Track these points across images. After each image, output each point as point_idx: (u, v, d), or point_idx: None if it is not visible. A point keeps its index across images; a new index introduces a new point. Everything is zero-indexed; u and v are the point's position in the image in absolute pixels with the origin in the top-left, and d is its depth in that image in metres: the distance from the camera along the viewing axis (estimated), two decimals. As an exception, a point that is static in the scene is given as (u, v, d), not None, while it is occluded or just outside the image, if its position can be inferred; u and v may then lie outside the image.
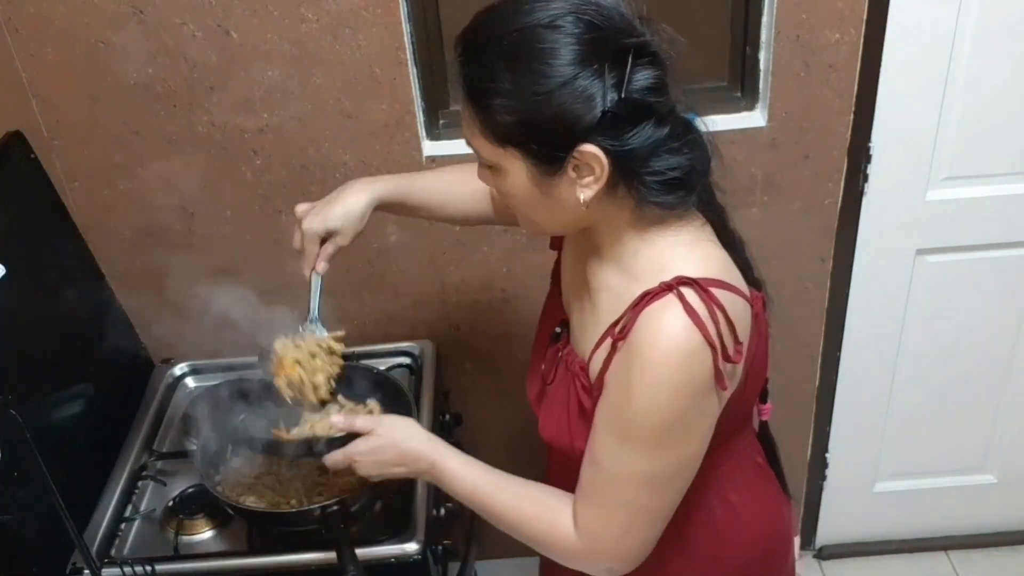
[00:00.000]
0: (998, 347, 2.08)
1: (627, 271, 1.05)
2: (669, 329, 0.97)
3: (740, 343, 1.00)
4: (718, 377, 0.99)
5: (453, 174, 1.41)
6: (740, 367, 1.03)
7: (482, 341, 2.01)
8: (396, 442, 1.20)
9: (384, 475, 1.22)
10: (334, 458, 1.23)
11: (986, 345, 2.07)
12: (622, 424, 1.02)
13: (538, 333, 1.31)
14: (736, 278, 1.05)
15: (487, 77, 0.94)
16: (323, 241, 1.32)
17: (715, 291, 0.98)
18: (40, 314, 1.57)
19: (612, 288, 1.07)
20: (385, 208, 1.35)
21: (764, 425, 1.27)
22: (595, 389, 1.07)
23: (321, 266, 1.35)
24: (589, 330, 1.11)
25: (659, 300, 0.98)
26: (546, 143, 0.95)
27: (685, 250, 1.03)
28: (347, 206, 1.31)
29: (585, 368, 1.10)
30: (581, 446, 1.11)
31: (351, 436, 1.22)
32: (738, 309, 1.01)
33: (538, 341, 1.29)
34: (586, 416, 1.10)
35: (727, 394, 1.03)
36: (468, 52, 0.97)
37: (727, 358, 0.98)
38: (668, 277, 0.99)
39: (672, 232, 1.04)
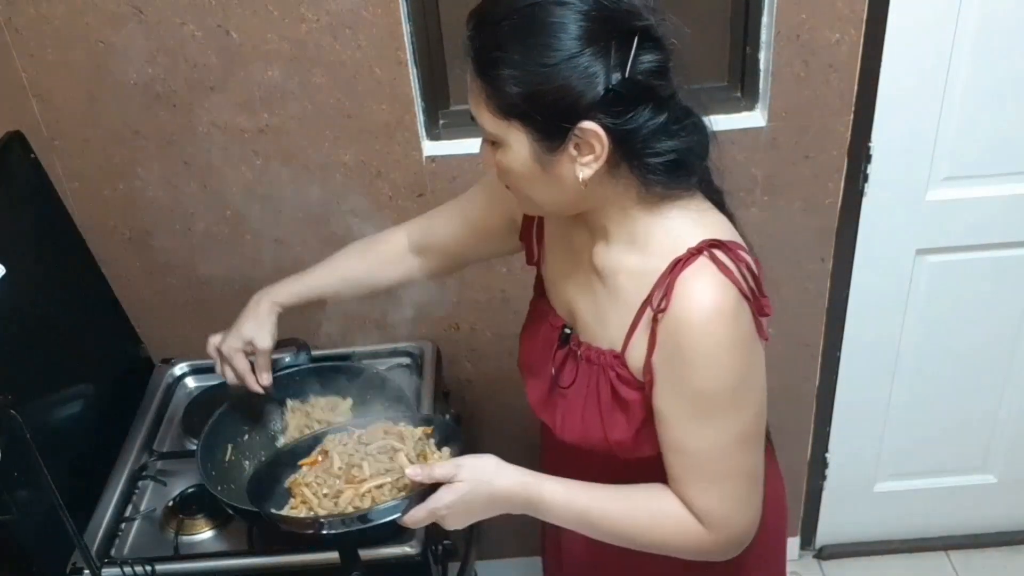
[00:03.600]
0: (998, 347, 2.08)
1: (643, 247, 1.07)
2: (708, 290, 1.00)
3: (766, 296, 1.04)
4: (759, 328, 1.03)
5: (354, 250, 1.46)
6: (768, 321, 1.06)
7: (482, 341, 2.01)
8: (484, 484, 1.11)
9: (472, 522, 1.14)
10: (417, 516, 1.12)
11: (986, 345, 2.07)
12: (695, 401, 1.03)
13: (529, 345, 1.30)
14: (743, 242, 1.08)
15: (496, 48, 0.97)
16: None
17: (739, 251, 1.02)
18: (40, 314, 1.57)
19: (630, 268, 1.08)
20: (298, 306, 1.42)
21: None
22: (646, 374, 1.06)
23: (265, 378, 1.42)
24: (613, 317, 1.11)
25: (692, 264, 1.01)
26: (550, 116, 0.97)
27: (697, 217, 1.06)
28: (253, 316, 1.40)
29: (620, 357, 1.10)
30: (617, 436, 1.12)
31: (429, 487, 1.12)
32: (755, 268, 1.05)
33: (533, 352, 1.28)
34: (624, 406, 1.10)
35: (767, 345, 1.06)
36: (480, 26, 1.00)
37: (760, 311, 1.02)
38: (691, 242, 1.02)
39: (680, 205, 1.06)
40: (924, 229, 1.92)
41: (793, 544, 2.36)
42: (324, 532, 1.16)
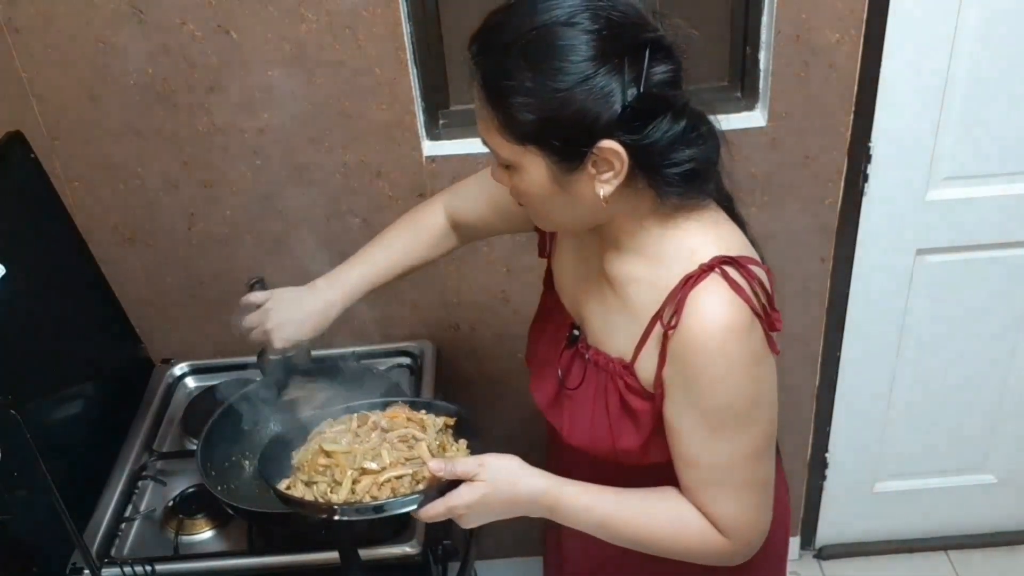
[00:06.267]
0: (998, 347, 2.08)
1: (654, 259, 1.06)
2: (720, 309, 0.99)
3: (777, 311, 1.04)
4: (771, 343, 1.03)
5: (405, 233, 1.41)
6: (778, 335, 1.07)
7: (482, 341, 2.00)
8: (507, 485, 1.08)
9: (488, 521, 1.11)
10: (433, 511, 1.08)
11: (986, 345, 2.07)
12: (708, 419, 1.03)
13: (537, 340, 1.29)
14: (755, 254, 1.08)
15: (506, 76, 0.94)
16: None
17: (750, 267, 1.02)
18: (40, 314, 1.57)
19: (641, 279, 1.07)
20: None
21: None
22: (656, 387, 1.06)
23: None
24: (622, 326, 1.10)
25: (703, 281, 1.00)
26: (567, 140, 0.96)
27: (711, 229, 1.05)
28: (319, 318, 1.34)
29: (630, 367, 1.09)
30: (625, 444, 1.11)
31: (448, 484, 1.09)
32: (767, 281, 1.04)
33: (540, 347, 1.27)
34: (633, 415, 1.10)
35: (778, 358, 1.06)
36: (485, 51, 0.98)
37: (771, 327, 1.02)
38: (704, 258, 1.01)
39: (694, 216, 1.05)
40: (924, 229, 1.92)
41: (793, 544, 2.36)
42: (336, 519, 1.10)
